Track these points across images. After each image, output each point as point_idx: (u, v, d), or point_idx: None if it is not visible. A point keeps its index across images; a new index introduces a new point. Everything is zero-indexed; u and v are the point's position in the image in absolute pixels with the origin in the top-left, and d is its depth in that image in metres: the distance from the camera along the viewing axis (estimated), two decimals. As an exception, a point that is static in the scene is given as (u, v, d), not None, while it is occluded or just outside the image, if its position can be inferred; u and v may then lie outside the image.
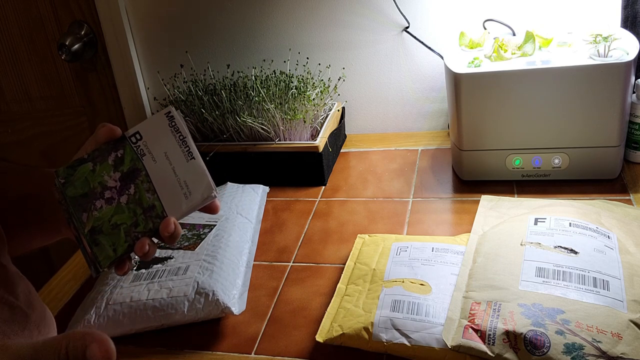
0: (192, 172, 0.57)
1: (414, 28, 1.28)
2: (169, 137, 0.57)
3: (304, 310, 0.83)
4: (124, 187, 0.56)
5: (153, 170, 0.56)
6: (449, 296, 0.75)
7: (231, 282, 0.85)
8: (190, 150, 0.57)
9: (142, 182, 0.56)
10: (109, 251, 0.55)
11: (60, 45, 1.40)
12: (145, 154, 0.57)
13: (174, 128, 0.57)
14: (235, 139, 1.19)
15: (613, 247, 0.78)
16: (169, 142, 0.57)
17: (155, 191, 0.56)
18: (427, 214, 1.01)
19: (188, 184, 0.56)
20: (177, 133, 0.57)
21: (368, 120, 1.39)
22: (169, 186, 0.56)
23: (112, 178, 0.56)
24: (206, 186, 0.57)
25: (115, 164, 0.56)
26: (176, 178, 0.56)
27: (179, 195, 0.56)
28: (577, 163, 1.01)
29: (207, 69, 1.37)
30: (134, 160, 0.56)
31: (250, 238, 0.98)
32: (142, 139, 0.57)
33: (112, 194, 0.56)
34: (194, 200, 0.56)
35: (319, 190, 1.15)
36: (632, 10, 1.07)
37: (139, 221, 0.55)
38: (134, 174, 0.56)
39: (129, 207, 0.55)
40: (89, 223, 0.55)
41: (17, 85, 1.55)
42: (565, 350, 0.64)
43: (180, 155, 0.57)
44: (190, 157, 0.57)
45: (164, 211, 0.56)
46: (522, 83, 0.97)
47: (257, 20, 1.36)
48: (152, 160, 0.57)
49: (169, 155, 0.57)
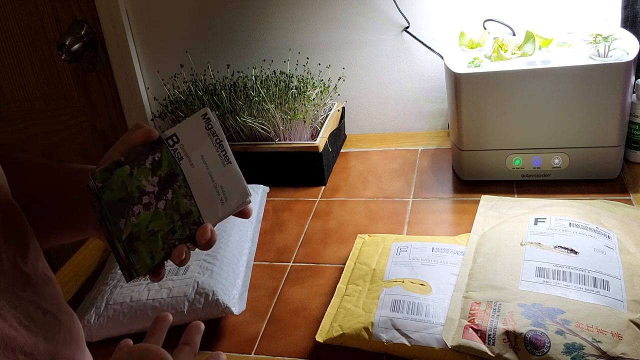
0: (228, 177, 0.56)
1: (414, 28, 1.28)
2: (206, 141, 0.56)
3: (304, 310, 0.83)
4: (161, 192, 0.54)
5: (190, 174, 0.55)
6: (449, 296, 0.75)
7: (231, 282, 0.85)
8: (227, 155, 0.56)
9: (180, 187, 0.55)
10: (147, 259, 0.53)
11: (60, 45, 1.40)
12: (183, 157, 0.55)
13: (210, 131, 0.56)
14: (235, 139, 1.19)
15: (613, 247, 0.78)
16: (206, 146, 0.56)
17: (193, 196, 0.55)
18: (427, 214, 1.01)
19: (224, 189, 0.55)
20: (214, 136, 0.56)
21: (368, 120, 1.39)
22: (206, 191, 0.55)
23: (150, 182, 0.54)
24: (242, 192, 0.56)
25: (153, 168, 0.54)
26: (213, 183, 0.55)
27: (215, 201, 0.55)
28: (577, 163, 1.01)
29: (207, 69, 1.37)
30: (171, 164, 0.55)
31: (250, 238, 0.98)
32: (179, 141, 0.55)
33: (150, 199, 0.54)
34: (230, 206, 0.55)
35: (319, 190, 1.15)
36: (632, 10, 1.07)
37: (176, 228, 0.54)
38: (171, 178, 0.55)
39: (167, 213, 0.54)
40: (127, 230, 0.53)
41: (17, 85, 1.55)
42: (565, 350, 0.64)
43: (217, 160, 0.56)
44: (227, 161, 0.56)
45: (201, 217, 0.54)
46: (522, 83, 0.97)
47: (257, 20, 1.36)
48: (190, 164, 0.55)
49: (206, 159, 0.56)
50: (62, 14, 1.45)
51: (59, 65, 1.51)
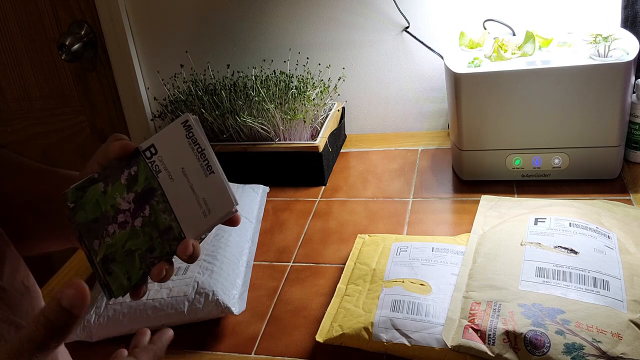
0: (211, 188, 0.52)
1: (414, 28, 1.28)
2: (187, 150, 0.53)
3: (304, 310, 0.83)
4: (138, 209, 0.52)
5: (169, 188, 0.52)
6: (449, 296, 0.75)
7: (231, 282, 0.85)
8: (210, 164, 0.53)
9: (158, 203, 0.52)
10: (123, 280, 0.51)
11: (60, 45, 1.40)
12: (161, 170, 0.52)
13: (191, 140, 0.53)
14: (235, 139, 1.19)
15: (613, 247, 0.78)
16: (187, 156, 0.53)
17: (173, 211, 0.52)
18: (427, 214, 1.01)
19: (207, 202, 0.52)
20: (195, 145, 0.53)
21: (368, 120, 1.39)
22: (187, 205, 0.52)
23: (125, 200, 0.52)
24: (227, 202, 0.53)
25: (129, 184, 0.52)
26: (194, 196, 0.52)
27: (197, 215, 0.52)
28: (577, 163, 1.01)
29: (207, 69, 1.37)
30: (149, 179, 0.52)
31: (250, 238, 0.98)
32: (157, 153, 0.53)
33: (126, 218, 0.52)
34: (213, 218, 0.52)
35: (319, 190, 1.15)
36: (632, 10, 1.07)
37: (155, 245, 0.51)
38: (149, 194, 0.52)
39: (144, 230, 0.51)
40: (101, 251, 0.51)
41: (17, 85, 1.55)
42: (565, 350, 0.64)
43: (199, 170, 0.52)
44: (210, 171, 0.53)
45: (182, 232, 0.52)
46: (522, 83, 0.97)
47: (257, 20, 1.36)
48: (169, 177, 0.52)
49: (187, 170, 0.53)
50: (62, 14, 1.45)
51: (59, 65, 1.51)
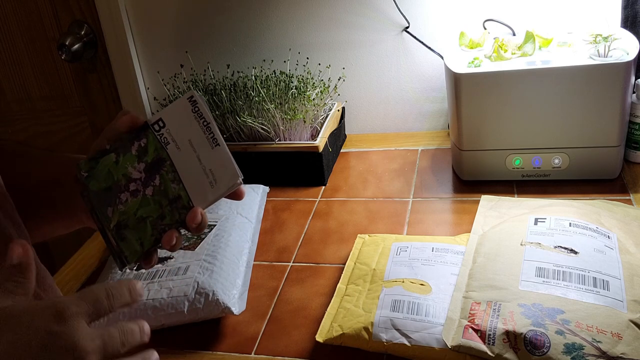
0: (217, 159, 0.55)
1: (414, 28, 1.28)
2: (193, 124, 0.55)
3: (304, 310, 0.83)
4: (148, 178, 0.54)
5: (178, 159, 0.55)
6: (449, 296, 0.75)
7: (231, 282, 0.85)
8: (215, 137, 0.55)
9: (167, 172, 0.54)
10: (136, 246, 0.53)
11: (60, 45, 1.40)
12: (169, 142, 0.55)
13: (197, 114, 0.55)
14: (235, 139, 1.19)
15: (613, 247, 0.78)
16: (193, 129, 0.55)
17: (181, 181, 0.54)
18: (427, 214, 1.01)
19: (214, 172, 0.55)
20: (201, 119, 0.55)
21: (368, 120, 1.39)
22: (195, 175, 0.55)
23: (136, 169, 0.54)
24: (232, 173, 0.55)
25: (139, 154, 0.54)
26: (201, 166, 0.55)
27: (204, 184, 0.55)
28: (577, 163, 1.01)
29: (207, 69, 1.37)
30: (157, 150, 0.55)
31: (250, 238, 0.98)
32: (165, 126, 0.55)
33: (137, 186, 0.54)
34: (220, 189, 0.55)
35: (319, 190, 1.15)
36: (632, 10, 1.07)
37: (165, 213, 0.54)
38: (158, 164, 0.54)
39: (155, 199, 0.54)
40: (115, 218, 0.53)
41: (17, 85, 1.55)
42: (565, 350, 0.64)
43: (205, 142, 0.55)
44: (215, 143, 0.55)
45: (190, 201, 0.54)
46: (522, 83, 0.97)
47: (257, 20, 1.36)
48: (176, 148, 0.55)
49: (194, 142, 0.55)
50: (62, 14, 1.45)
51: (59, 65, 1.51)
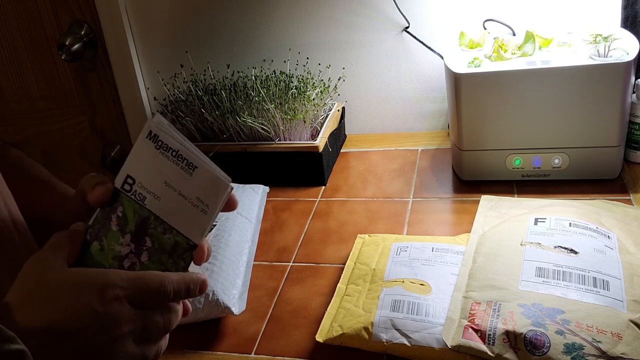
0: (199, 183, 0.51)
1: (414, 28, 1.27)
2: (162, 162, 0.51)
3: (304, 310, 0.83)
4: (139, 245, 0.51)
5: (160, 208, 0.51)
6: (449, 296, 0.75)
7: (231, 282, 0.85)
8: (190, 162, 0.51)
9: (155, 228, 0.51)
10: None
11: (60, 45, 1.40)
12: (146, 196, 0.51)
13: (163, 149, 0.51)
14: (235, 139, 1.19)
15: (613, 247, 0.78)
16: (164, 167, 0.51)
17: (173, 228, 0.51)
18: (427, 214, 1.01)
19: (201, 198, 0.51)
20: (168, 151, 0.51)
21: (368, 120, 1.39)
22: (184, 213, 0.51)
23: (124, 245, 0.50)
24: (220, 188, 0.52)
25: (121, 227, 0.51)
26: (187, 201, 0.51)
27: (197, 216, 0.51)
28: (577, 163, 1.01)
29: (207, 69, 1.37)
30: (137, 213, 0.51)
31: (250, 238, 0.98)
32: (135, 181, 0.51)
33: (131, 260, 0.51)
34: (214, 210, 0.52)
35: (319, 190, 1.15)
36: (632, 10, 1.07)
37: (169, 267, 0.51)
38: (143, 226, 0.51)
39: (153, 260, 0.51)
40: None
41: (17, 85, 1.55)
42: (565, 350, 0.64)
43: (181, 174, 0.51)
44: (192, 168, 0.51)
45: (189, 241, 0.51)
46: (522, 83, 0.97)
47: (257, 20, 1.36)
48: (155, 198, 0.51)
49: (170, 182, 0.51)
50: (62, 14, 1.45)
51: (59, 65, 1.51)
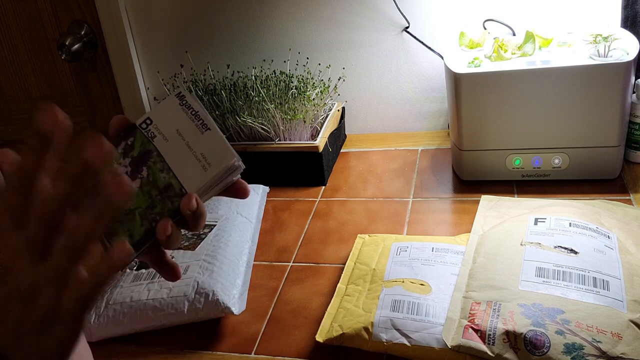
0: (208, 143, 0.53)
1: (414, 28, 1.27)
2: (180, 115, 0.54)
3: (304, 310, 0.83)
4: (135, 171, 0.53)
5: (165, 149, 0.54)
6: (449, 296, 0.75)
7: (231, 282, 0.85)
8: (205, 122, 0.54)
9: (155, 163, 0.53)
10: (125, 238, 0.52)
11: (60, 45, 1.40)
12: (156, 135, 0.54)
13: (185, 106, 0.55)
14: (235, 139, 1.19)
15: (613, 247, 0.78)
16: (181, 119, 0.54)
17: (170, 169, 0.53)
18: (427, 214, 1.01)
19: (205, 156, 0.53)
20: (189, 109, 0.54)
21: (368, 120, 1.39)
22: (185, 162, 0.53)
23: (121, 165, 0.53)
24: (226, 154, 0.53)
25: (125, 151, 0.54)
26: (192, 152, 0.53)
27: (196, 169, 0.53)
28: (577, 163, 1.01)
29: (207, 69, 1.37)
30: (144, 144, 0.54)
31: (250, 238, 0.98)
32: (152, 122, 0.55)
33: None
34: (214, 171, 0.53)
35: (319, 190, 1.15)
36: (632, 10, 1.07)
37: (155, 202, 0.52)
38: (144, 156, 0.54)
39: (143, 190, 0.53)
40: None
41: (17, 85, 1.55)
42: (565, 350, 0.64)
43: (194, 129, 0.54)
44: (205, 128, 0.54)
45: (183, 188, 0.52)
46: (522, 83, 0.97)
47: (257, 20, 1.36)
48: (164, 139, 0.54)
49: (182, 131, 0.54)
50: (62, 14, 1.45)
51: (59, 65, 1.51)
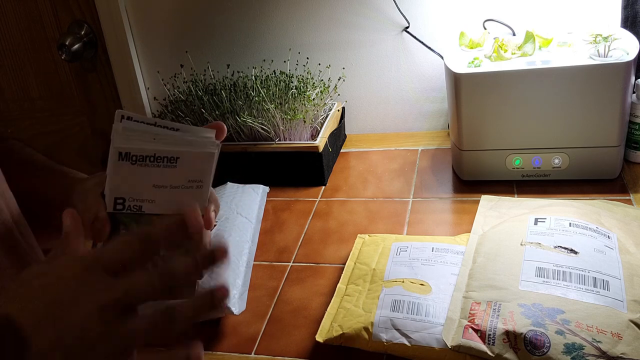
0: (186, 168, 0.49)
1: (414, 28, 1.27)
2: (143, 172, 0.49)
3: (304, 310, 0.83)
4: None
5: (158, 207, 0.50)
6: (449, 296, 0.75)
7: (231, 282, 0.85)
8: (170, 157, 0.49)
9: None
10: None
11: (60, 45, 1.40)
12: (141, 205, 0.50)
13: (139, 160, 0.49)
14: (235, 139, 1.19)
15: (613, 247, 0.78)
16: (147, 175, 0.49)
17: None
18: (427, 214, 1.01)
19: (192, 178, 0.50)
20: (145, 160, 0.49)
21: (368, 120, 1.39)
22: (182, 199, 0.50)
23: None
24: (206, 159, 0.49)
25: None
26: (180, 189, 0.50)
27: (194, 194, 0.50)
28: (577, 163, 1.01)
29: (207, 69, 1.37)
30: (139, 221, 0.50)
31: (250, 238, 0.97)
32: (126, 199, 0.50)
33: None
34: (207, 180, 0.50)
35: (319, 190, 1.15)
36: (632, 10, 1.07)
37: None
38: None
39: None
40: None
41: (17, 85, 1.55)
42: (565, 350, 0.64)
43: (166, 172, 0.49)
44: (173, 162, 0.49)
45: None
46: (522, 83, 0.97)
47: (257, 20, 1.36)
48: (150, 202, 0.50)
49: (158, 183, 0.49)
50: (62, 14, 1.45)
51: (59, 65, 1.51)
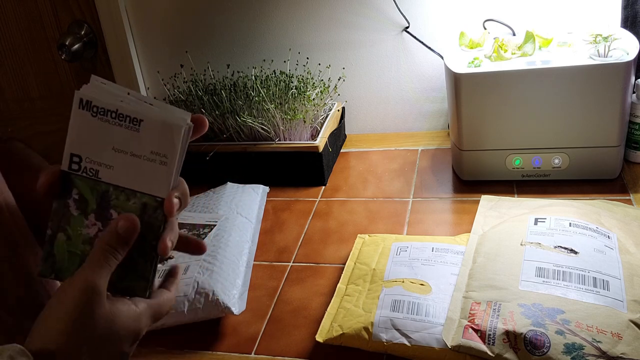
0: (150, 136, 0.46)
1: (414, 28, 1.27)
2: (104, 128, 0.46)
3: (304, 310, 0.83)
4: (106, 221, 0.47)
5: (116, 176, 0.47)
6: (449, 296, 0.75)
7: (231, 282, 0.85)
8: (133, 117, 0.46)
9: (118, 197, 0.47)
10: (140, 282, 0.48)
11: (60, 45, 1.40)
12: (98, 169, 0.47)
13: (100, 113, 0.46)
14: (235, 139, 1.19)
15: (613, 247, 0.78)
16: (107, 133, 0.46)
17: (135, 191, 0.47)
18: (427, 214, 1.01)
19: (156, 151, 0.47)
20: (107, 114, 0.46)
21: (368, 120, 1.39)
22: (142, 172, 0.47)
23: (89, 226, 0.47)
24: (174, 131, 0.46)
25: (82, 210, 0.47)
26: (142, 158, 0.47)
27: (157, 170, 0.47)
28: (577, 163, 1.01)
29: (207, 69, 1.37)
30: (94, 189, 0.47)
31: (250, 238, 0.98)
32: (82, 158, 0.47)
33: None
34: (173, 157, 0.47)
35: (319, 190, 1.15)
36: (632, 10, 1.07)
37: (145, 232, 0.47)
38: (104, 200, 0.47)
39: None
40: None
41: (17, 85, 1.55)
42: (565, 350, 0.64)
43: (127, 134, 0.46)
44: (137, 124, 0.46)
45: (157, 198, 0.47)
46: (522, 83, 0.97)
47: (257, 20, 1.36)
48: (107, 168, 0.47)
49: (118, 146, 0.46)
50: (62, 14, 1.45)
51: (59, 65, 1.51)
